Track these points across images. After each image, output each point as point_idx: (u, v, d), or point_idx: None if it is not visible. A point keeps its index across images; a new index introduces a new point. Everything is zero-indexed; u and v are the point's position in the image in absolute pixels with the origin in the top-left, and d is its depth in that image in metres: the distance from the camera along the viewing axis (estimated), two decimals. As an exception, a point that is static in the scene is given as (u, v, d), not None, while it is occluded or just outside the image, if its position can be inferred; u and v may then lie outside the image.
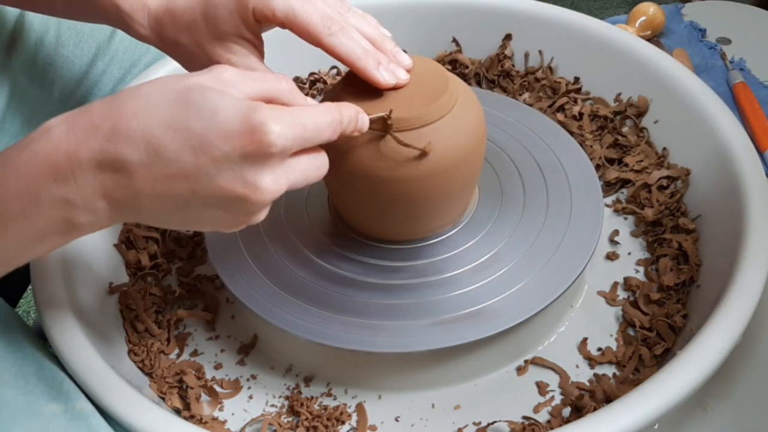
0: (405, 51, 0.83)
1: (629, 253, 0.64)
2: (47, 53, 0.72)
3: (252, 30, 0.51)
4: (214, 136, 0.39)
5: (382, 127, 0.50)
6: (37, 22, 0.72)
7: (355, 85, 0.52)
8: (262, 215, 0.43)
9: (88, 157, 0.39)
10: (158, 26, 0.53)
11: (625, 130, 0.70)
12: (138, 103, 0.40)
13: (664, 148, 0.68)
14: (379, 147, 0.51)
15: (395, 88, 0.51)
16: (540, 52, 0.78)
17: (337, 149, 0.49)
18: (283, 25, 0.49)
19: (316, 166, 0.44)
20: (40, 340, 0.53)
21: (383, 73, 0.50)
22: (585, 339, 0.57)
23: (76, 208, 0.40)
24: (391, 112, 0.49)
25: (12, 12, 0.71)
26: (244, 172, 0.39)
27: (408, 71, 0.52)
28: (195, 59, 0.53)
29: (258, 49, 0.52)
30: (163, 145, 0.39)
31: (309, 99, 0.46)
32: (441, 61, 0.80)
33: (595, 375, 0.55)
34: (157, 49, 0.56)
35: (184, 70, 0.55)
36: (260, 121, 0.39)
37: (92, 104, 0.41)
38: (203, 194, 0.40)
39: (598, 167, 0.68)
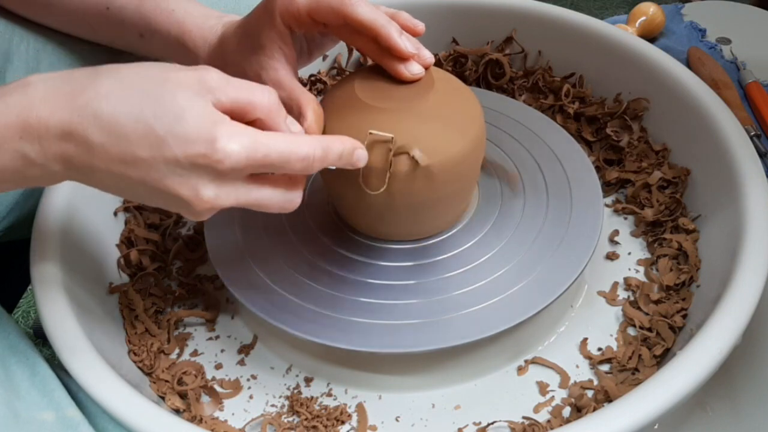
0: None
1: (629, 253, 0.64)
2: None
3: (283, 39, 0.52)
4: (171, 139, 0.41)
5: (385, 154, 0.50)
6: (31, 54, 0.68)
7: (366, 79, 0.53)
8: (205, 216, 0.44)
9: (56, 125, 0.41)
10: (211, 59, 0.57)
11: (624, 130, 0.70)
12: (114, 86, 0.42)
13: (664, 148, 0.68)
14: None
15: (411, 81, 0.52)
16: (540, 52, 0.78)
17: None
18: (309, 14, 0.50)
19: (278, 200, 0.45)
20: (34, 344, 0.53)
21: (405, 42, 0.50)
22: (585, 339, 0.57)
23: (32, 165, 0.43)
24: (393, 140, 0.50)
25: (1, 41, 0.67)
26: (191, 179, 0.41)
27: (426, 67, 0.52)
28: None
29: (289, 61, 0.53)
30: (125, 134, 0.41)
31: (292, 122, 0.46)
32: (441, 61, 0.80)
33: (596, 375, 0.55)
34: None
35: None
36: (217, 137, 0.41)
37: (75, 71, 0.43)
38: (151, 185, 0.42)
39: (597, 168, 0.68)
